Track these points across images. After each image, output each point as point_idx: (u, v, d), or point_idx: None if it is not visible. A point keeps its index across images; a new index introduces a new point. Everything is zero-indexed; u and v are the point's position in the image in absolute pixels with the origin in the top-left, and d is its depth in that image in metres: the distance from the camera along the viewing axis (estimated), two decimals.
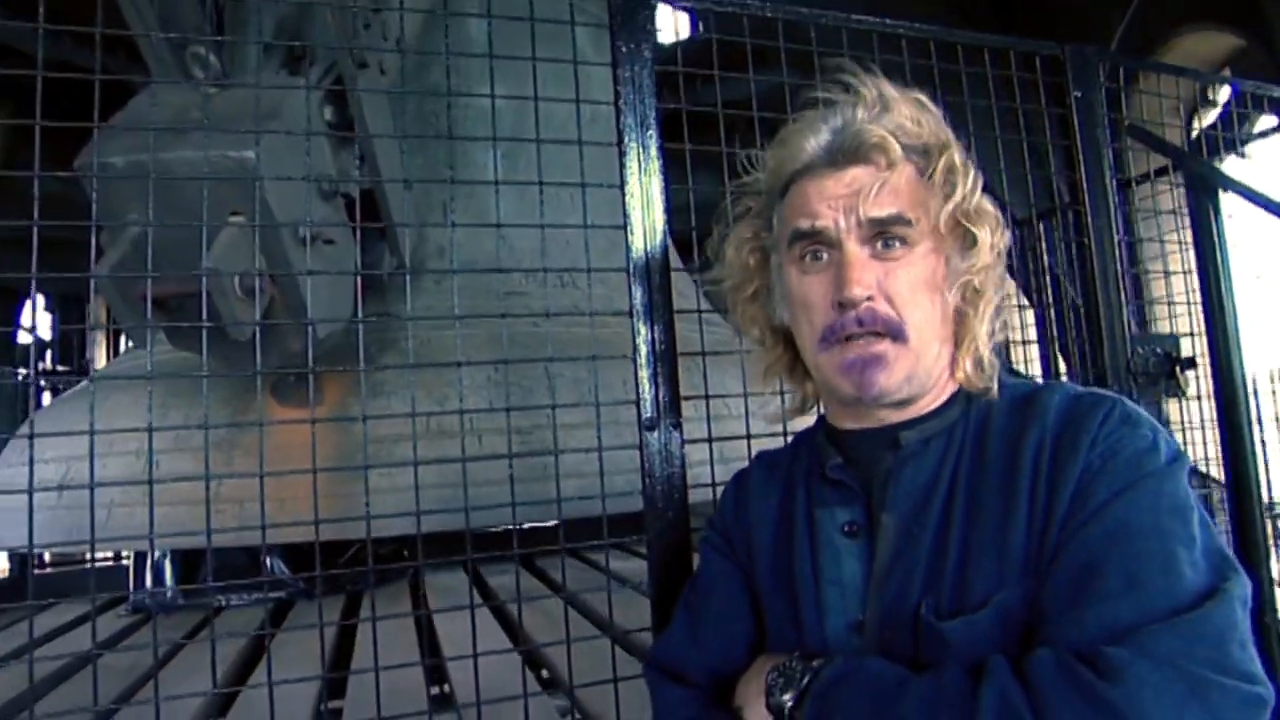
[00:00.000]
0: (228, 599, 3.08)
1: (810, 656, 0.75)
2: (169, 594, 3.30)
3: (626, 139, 1.25)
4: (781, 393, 0.89)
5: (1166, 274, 1.87)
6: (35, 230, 1.23)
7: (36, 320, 5.32)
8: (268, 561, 3.24)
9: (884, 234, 0.76)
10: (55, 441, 2.20)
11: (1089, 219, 1.56)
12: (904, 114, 0.79)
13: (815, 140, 0.80)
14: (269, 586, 3.08)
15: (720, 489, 0.96)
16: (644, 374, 1.19)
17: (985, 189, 0.82)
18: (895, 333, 0.75)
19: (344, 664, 2.11)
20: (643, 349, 1.20)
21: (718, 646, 0.85)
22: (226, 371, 1.69)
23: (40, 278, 1.25)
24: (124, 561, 3.98)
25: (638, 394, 1.20)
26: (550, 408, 1.41)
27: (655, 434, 1.19)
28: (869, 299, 0.75)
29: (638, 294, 1.22)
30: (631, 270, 1.22)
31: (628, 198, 1.24)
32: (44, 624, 2.89)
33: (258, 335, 1.47)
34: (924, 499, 0.75)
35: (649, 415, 1.19)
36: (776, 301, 0.85)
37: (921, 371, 0.77)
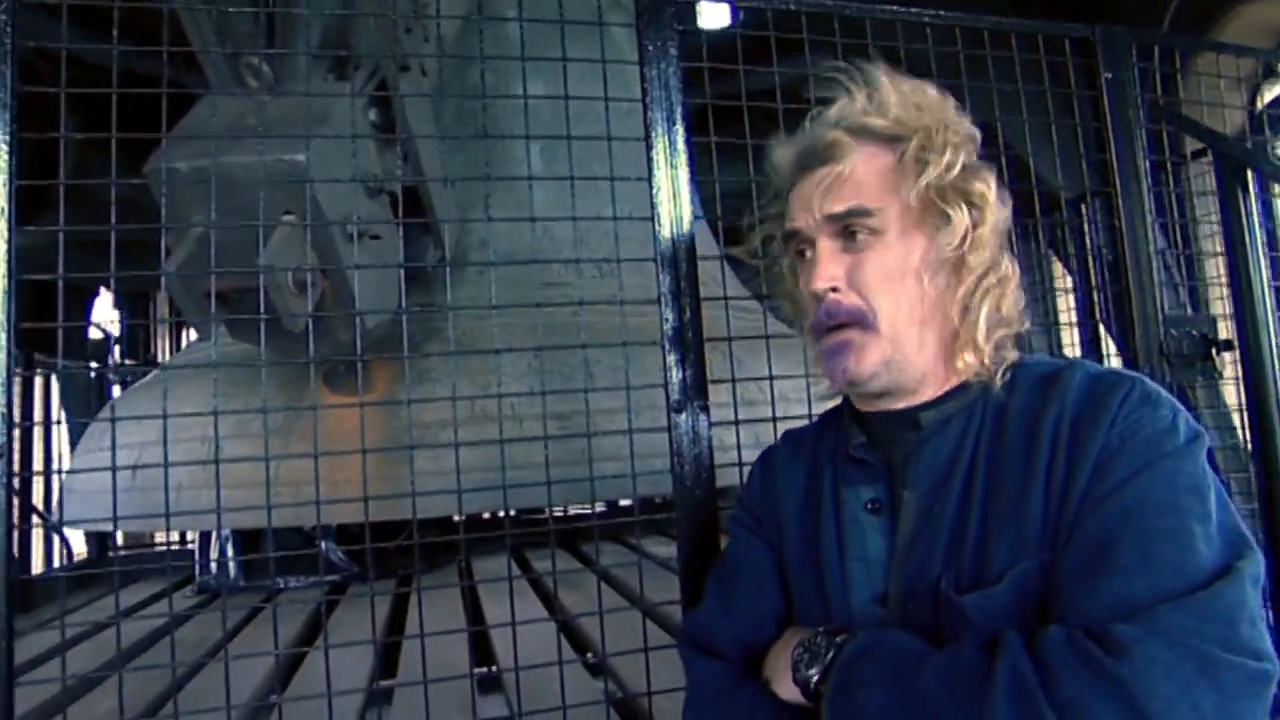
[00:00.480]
0: (286, 581, 3.24)
1: (835, 631, 0.78)
2: (232, 576, 3.48)
3: (654, 134, 1.30)
4: (807, 375, 0.94)
5: (1194, 255, 1.85)
6: (113, 233, 1.34)
7: (104, 317, 5.59)
8: (323, 546, 3.40)
9: (848, 227, 0.79)
10: (127, 429, 2.35)
11: (1120, 201, 1.56)
12: (891, 102, 0.81)
13: (793, 149, 0.85)
14: (325, 570, 3.23)
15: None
16: (671, 358, 1.25)
17: (1006, 171, 0.83)
18: (862, 321, 0.79)
19: (395, 645, 2.22)
20: (669, 334, 1.26)
21: (748, 621, 0.88)
22: (283, 361, 1.79)
23: (113, 277, 1.35)
24: (189, 545, 4.18)
25: (665, 378, 1.25)
26: (584, 391, 1.46)
27: (683, 416, 1.24)
28: (833, 290, 0.79)
29: (665, 281, 1.27)
30: (659, 259, 1.28)
31: (655, 191, 1.29)
32: (121, 602, 3.08)
33: (310, 326, 1.57)
34: (944, 476, 0.78)
35: (676, 398, 1.24)
36: None
37: (900, 358, 0.79)
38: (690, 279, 1.27)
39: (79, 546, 4.72)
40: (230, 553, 3.50)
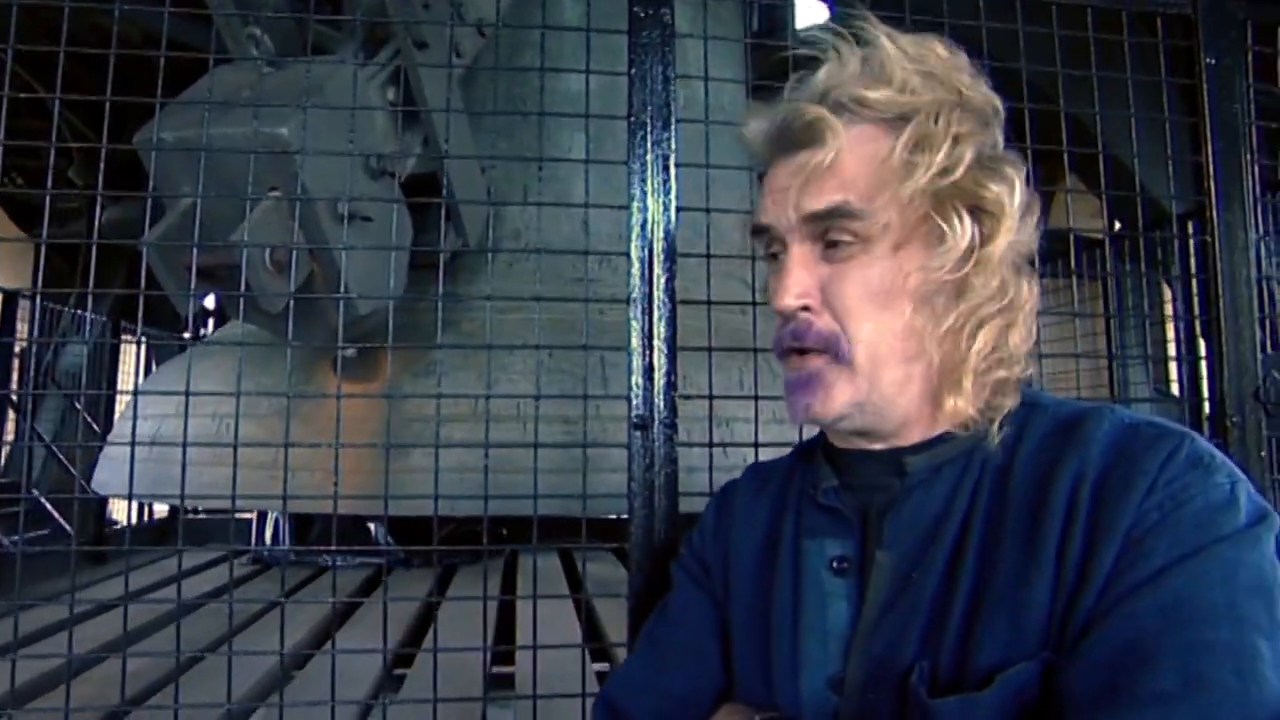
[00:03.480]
0: (334, 560, 3.31)
1: (779, 717, 0.65)
2: (284, 549, 3.62)
3: (637, 112, 1.15)
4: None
5: None
6: (99, 200, 1.29)
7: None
8: (373, 529, 3.45)
9: (828, 230, 0.63)
10: (153, 403, 2.39)
11: (1215, 213, 1.29)
12: (892, 68, 0.64)
13: (767, 124, 0.67)
14: (370, 552, 3.29)
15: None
16: (637, 368, 1.10)
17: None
18: (834, 350, 0.63)
19: (423, 631, 2.19)
20: (636, 340, 1.10)
21: (679, 690, 0.74)
22: (298, 342, 1.74)
23: (97, 243, 1.31)
24: (248, 516, 4.35)
25: (629, 390, 1.10)
26: (533, 398, 1.33)
27: (644, 434, 1.09)
28: (804, 308, 0.63)
29: (636, 281, 1.12)
30: (632, 253, 1.13)
31: (633, 176, 1.14)
32: (186, 562, 3.29)
33: (295, 308, 1.50)
34: (928, 537, 0.62)
35: (639, 413, 1.09)
36: None
37: (877, 400, 0.63)
38: (667, 277, 1.12)
39: (160, 507, 5.01)
40: (284, 529, 3.64)
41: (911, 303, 0.62)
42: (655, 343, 1.10)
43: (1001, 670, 0.55)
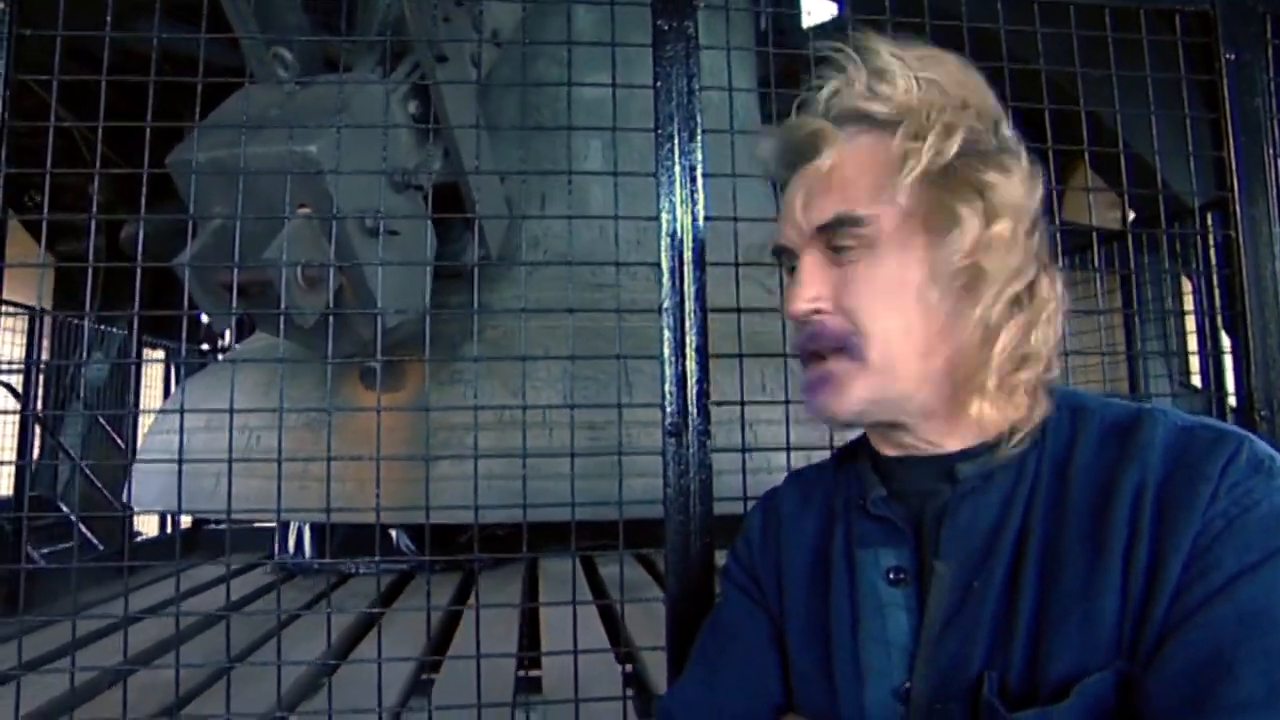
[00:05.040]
0: (356, 566, 3.34)
1: None
2: (307, 556, 3.65)
3: (664, 124, 1.17)
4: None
5: None
6: (142, 222, 1.32)
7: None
8: (394, 535, 3.49)
9: (835, 239, 0.64)
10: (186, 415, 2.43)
11: (1238, 207, 1.29)
12: (896, 80, 0.65)
13: (775, 142, 0.70)
14: (394, 557, 3.32)
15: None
16: (669, 375, 1.11)
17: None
18: (847, 347, 0.63)
19: (449, 636, 2.21)
20: (668, 349, 1.12)
21: (737, 707, 0.74)
22: (310, 355, 1.77)
23: (146, 267, 1.34)
24: (269, 525, 4.40)
25: (662, 397, 1.12)
26: (568, 407, 1.35)
27: (679, 440, 1.10)
28: (816, 311, 0.65)
29: (667, 290, 1.14)
30: (663, 264, 1.14)
31: (662, 186, 1.16)
32: (209, 573, 3.35)
33: (330, 322, 1.53)
34: (986, 546, 0.61)
35: (672, 420, 1.11)
36: None
37: (893, 395, 0.64)
38: (697, 286, 1.13)
39: (185, 517, 5.07)
40: (307, 536, 3.67)
41: (922, 297, 0.62)
42: (687, 351, 1.12)
43: (1075, 681, 0.54)
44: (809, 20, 5.87)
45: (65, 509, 3.98)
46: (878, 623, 0.65)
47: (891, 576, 0.65)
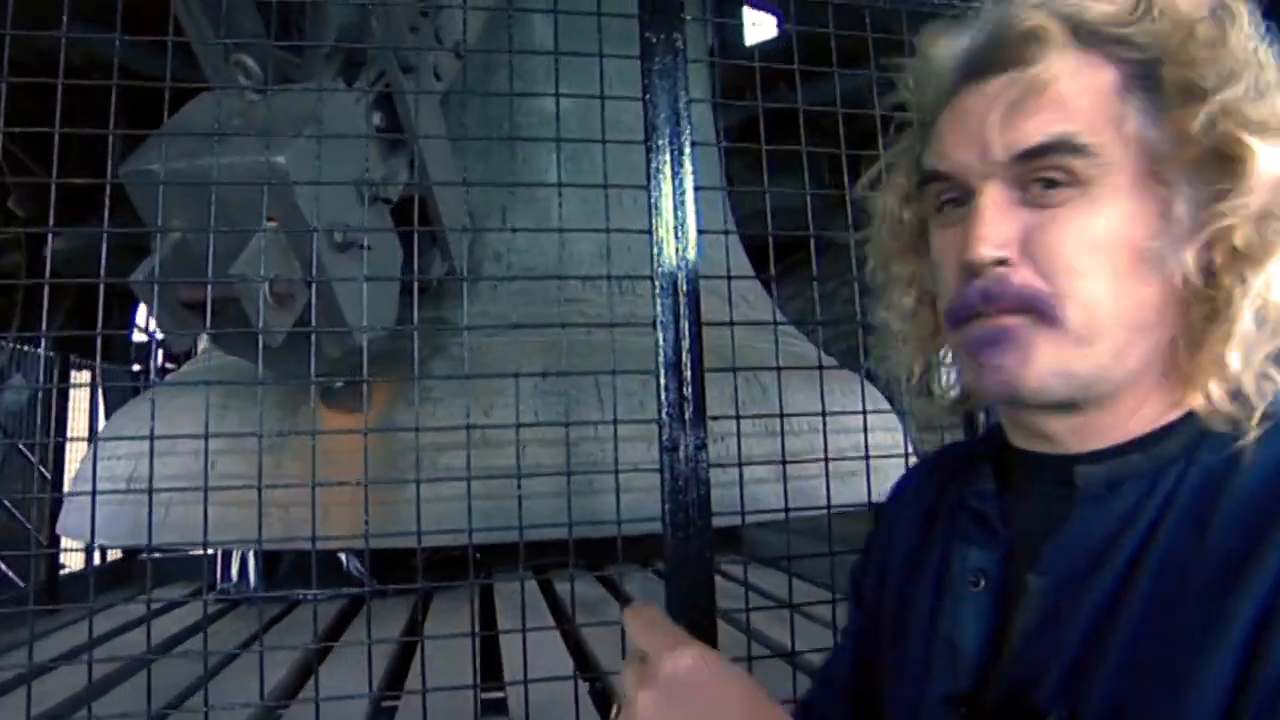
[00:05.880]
0: (304, 593, 3.21)
1: None
2: (252, 585, 3.49)
3: (655, 137, 1.16)
4: (823, 414, 0.78)
5: None
6: (104, 236, 1.25)
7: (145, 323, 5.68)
8: (344, 559, 3.37)
9: (1041, 170, 0.51)
10: (124, 441, 2.30)
11: None
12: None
13: (960, 42, 0.58)
14: (343, 584, 3.21)
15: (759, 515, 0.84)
16: (666, 389, 1.10)
17: None
18: (1041, 309, 0.51)
19: (407, 662, 2.14)
20: (665, 362, 1.11)
21: (826, 698, 0.73)
22: (273, 375, 1.70)
23: (103, 282, 1.26)
24: (211, 552, 4.20)
25: (659, 412, 1.11)
26: (564, 424, 1.33)
27: (676, 455, 1.09)
28: (1001, 262, 0.52)
29: (662, 302, 1.13)
30: (656, 277, 1.13)
31: (655, 201, 1.15)
32: (138, 607, 3.15)
33: (292, 341, 1.46)
34: (1091, 564, 0.52)
35: (670, 436, 1.09)
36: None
37: (1089, 370, 0.52)
38: (691, 300, 1.13)
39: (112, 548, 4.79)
40: (251, 563, 3.52)
41: (1159, 260, 0.51)
42: (683, 366, 1.11)
43: None
44: (751, 39, 6.00)
45: None
46: (952, 623, 0.59)
47: (971, 579, 0.59)
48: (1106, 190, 0.51)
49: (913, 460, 1.27)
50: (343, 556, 3.33)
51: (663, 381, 1.13)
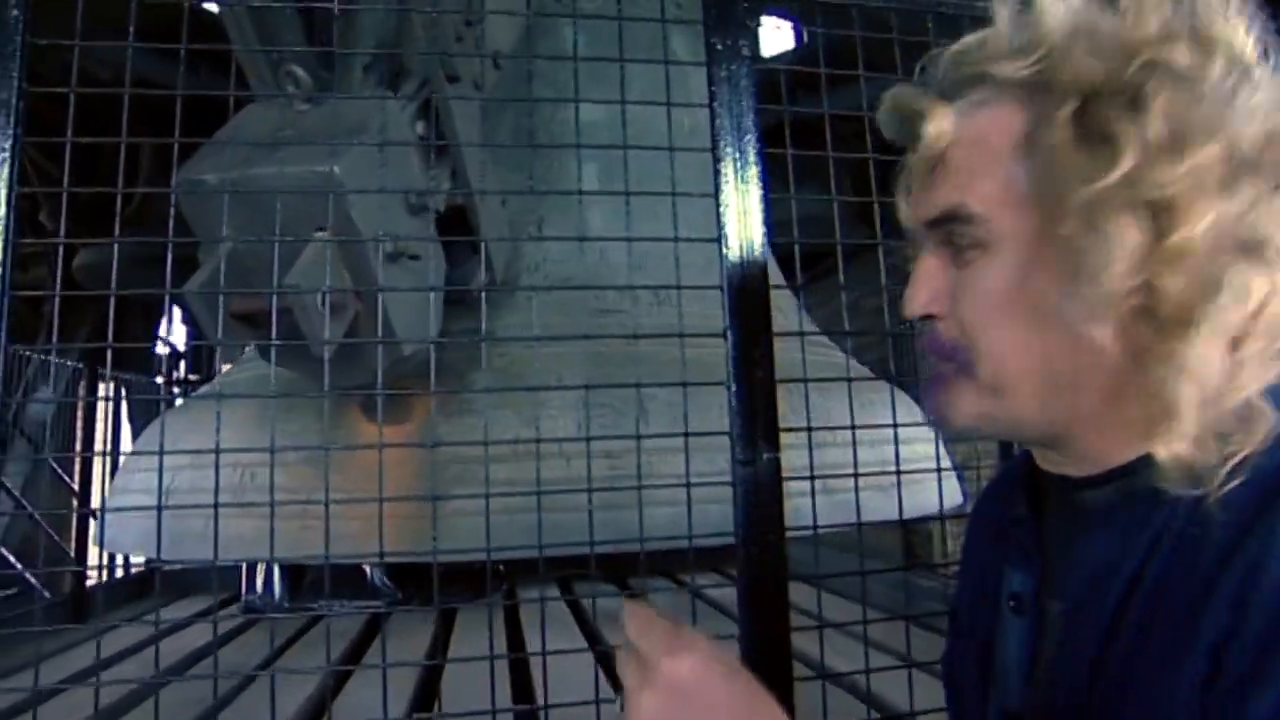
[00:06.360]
0: (330, 605, 3.20)
1: None
2: (277, 597, 3.48)
3: (722, 144, 1.14)
4: (894, 424, 0.76)
5: None
6: (169, 247, 1.24)
7: (172, 333, 5.69)
8: (369, 571, 3.35)
9: (947, 236, 0.56)
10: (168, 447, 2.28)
11: None
12: (1047, 24, 0.52)
13: (883, 121, 0.62)
14: (368, 596, 3.20)
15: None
16: (736, 402, 1.07)
17: None
18: (960, 362, 0.56)
19: (435, 676, 2.12)
20: (736, 373, 1.08)
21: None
22: (314, 387, 1.68)
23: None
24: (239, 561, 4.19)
25: (730, 425, 1.08)
26: (632, 437, 1.30)
27: (751, 469, 1.06)
28: (929, 316, 0.58)
29: (732, 312, 1.10)
30: (727, 286, 1.11)
31: (723, 208, 1.13)
32: (168, 616, 3.15)
33: (341, 351, 1.45)
34: (1094, 589, 0.54)
35: (743, 450, 1.06)
36: None
37: (1009, 418, 0.56)
38: (762, 308, 1.10)
39: (136, 558, 4.78)
40: (276, 574, 3.50)
41: (1054, 313, 0.51)
42: (755, 376, 1.08)
43: None
44: (767, 50, 5.99)
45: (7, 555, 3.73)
46: (1003, 642, 0.62)
47: (1011, 603, 0.62)
48: (1006, 248, 0.53)
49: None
50: (367, 568, 3.31)
51: (732, 392, 1.10)
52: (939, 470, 1.60)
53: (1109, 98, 0.49)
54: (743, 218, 1.13)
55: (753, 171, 1.15)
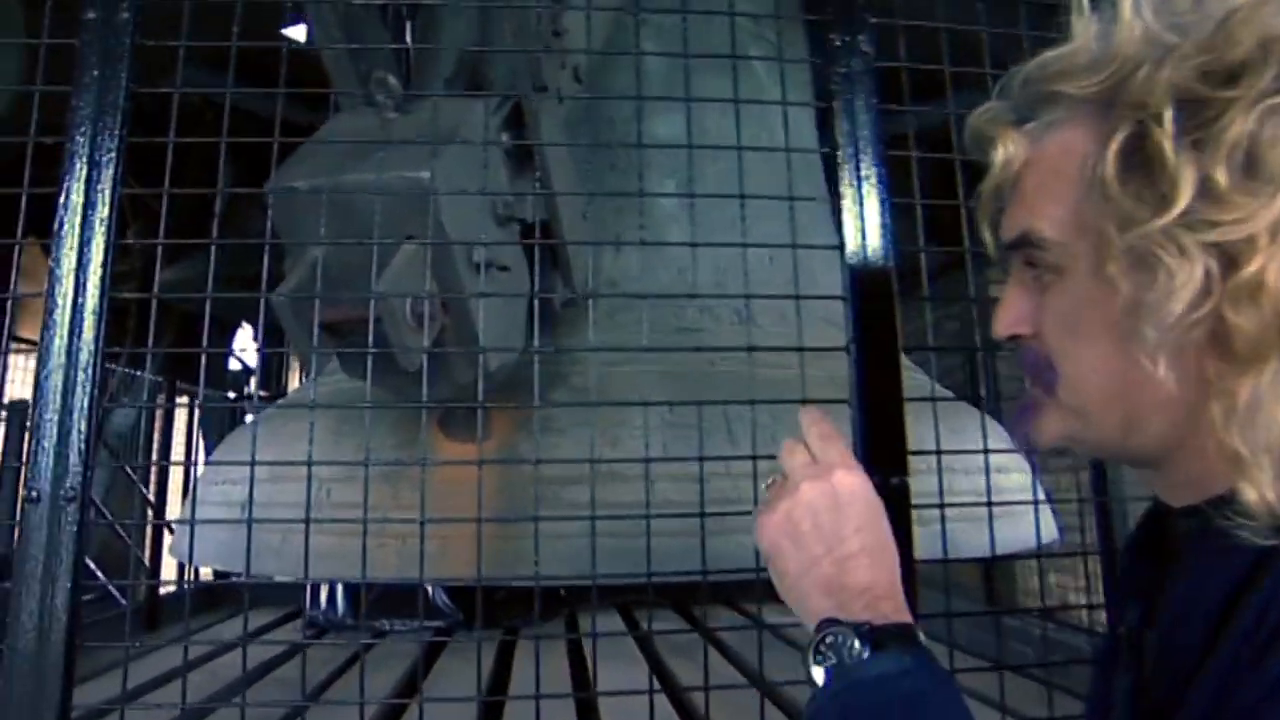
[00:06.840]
0: (392, 624, 3.18)
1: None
2: (340, 613, 3.48)
3: (845, 144, 1.06)
4: (1029, 451, 0.67)
5: None
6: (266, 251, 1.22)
7: (245, 348, 5.83)
8: (430, 591, 3.32)
9: (1024, 259, 0.56)
10: (241, 463, 2.28)
11: None
12: (1124, 36, 0.49)
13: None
14: (429, 616, 3.17)
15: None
16: (855, 421, 0.98)
17: None
18: (1045, 383, 0.56)
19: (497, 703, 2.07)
20: (860, 392, 0.99)
21: None
22: (394, 401, 1.65)
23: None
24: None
25: (855, 445, 0.98)
26: (735, 458, 1.22)
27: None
28: (1015, 337, 0.58)
29: (854, 328, 1.01)
30: (850, 298, 1.02)
31: (844, 214, 1.04)
32: (234, 629, 3.18)
33: (425, 364, 1.40)
34: (1178, 622, 0.52)
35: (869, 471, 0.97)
36: None
37: (1095, 439, 0.55)
38: (889, 321, 1.00)
39: (206, 570, 4.86)
40: (339, 591, 3.50)
41: (1124, 337, 0.49)
42: (881, 394, 0.98)
43: None
44: None
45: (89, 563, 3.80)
46: (1116, 676, 0.60)
47: (1124, 633, 0.60)
48: (1078, 272, 0.52)
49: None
50: (430, 590, 3.29)
51: (852, 411, 1.00)
52: (1035, 502, 1.47)
53: (1174, 122, 0.45)
54: (863, 223, 1.04)
55: (874, 175, 1.06)
